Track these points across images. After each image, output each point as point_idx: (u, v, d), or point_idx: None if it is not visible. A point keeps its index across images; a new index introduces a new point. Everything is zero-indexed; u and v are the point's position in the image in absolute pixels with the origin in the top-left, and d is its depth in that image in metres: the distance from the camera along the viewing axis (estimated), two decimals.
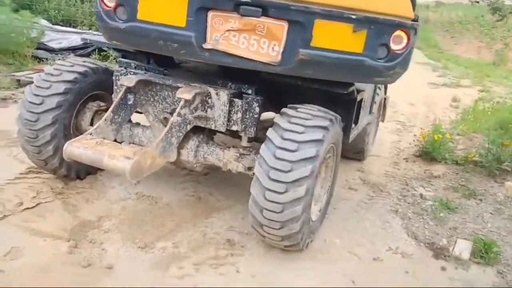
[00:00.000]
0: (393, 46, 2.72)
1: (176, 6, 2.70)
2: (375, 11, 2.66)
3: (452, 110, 9.08)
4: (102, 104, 3.59)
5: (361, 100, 3.89)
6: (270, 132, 2.79)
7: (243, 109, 3.08)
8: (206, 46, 2.78)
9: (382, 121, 6.11)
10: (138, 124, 3.52)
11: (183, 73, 3.39)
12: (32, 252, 2.75)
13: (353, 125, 3.82)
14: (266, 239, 2.92)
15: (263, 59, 2.78)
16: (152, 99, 3.25)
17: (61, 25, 7.96)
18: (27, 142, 3.28)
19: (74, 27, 8.12)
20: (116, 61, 3.96)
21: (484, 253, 3.16)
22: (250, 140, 3.23)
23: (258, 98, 3.08)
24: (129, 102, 3.23)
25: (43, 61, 7.14)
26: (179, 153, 3.24)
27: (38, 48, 7.37)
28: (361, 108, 3.98)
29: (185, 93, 2.94)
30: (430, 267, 3.08)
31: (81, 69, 3.42)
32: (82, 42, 7.74)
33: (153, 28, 2.77)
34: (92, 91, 3.52)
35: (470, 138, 6.51)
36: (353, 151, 4.97)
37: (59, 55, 7.33)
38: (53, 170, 3.46)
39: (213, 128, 3.17)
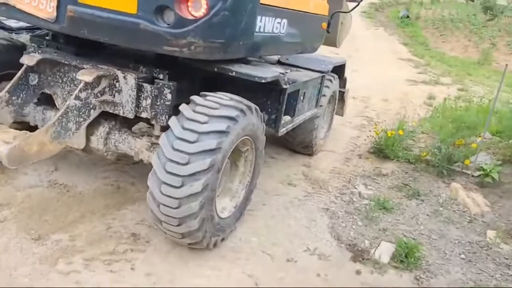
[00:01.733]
0: (180, 10, 2.40)
1: None
2: None
3: (425, 108, 8.95)
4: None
5: (297, 91, 3.71)
6: (171, 121, 2.56)
7: (153, 94, 2.83)
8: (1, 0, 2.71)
9: (341, 115, 5.94)
10: (52, 107, 3.18)
11: (98, 54, 3.11)
12: None
13: (285, 117, 3.62)
14: (168, 236, 2.72)
15: (42, 15, 2.65)
16: (60, 81, 3.00)
17: None
18: None
19: None
20: None
21: (404, 257, 2.99)
22: (163, 129, 2.89)
23: (171, 84, 2.82)
24: (32, 83, 2.98)
25: None
26: (88, 140, 3.02)
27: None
28: (298, 100, 3.79)
29: (86, 74, 2.69)
30: (344, 270, 2.90)
31: (4, 42, 3.19)
32: None
33: None
34: (5, 70, 3.19)
35: (433, 137, 6.36)
36: (300, 145, 4.81)
37: (17, 34, 7.03)
38: None
39: (121, 114, 2.92)
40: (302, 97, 3.91)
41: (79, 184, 3.41)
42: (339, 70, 5.12)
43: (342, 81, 5.60)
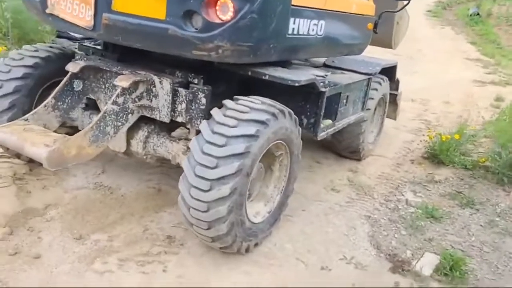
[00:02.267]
0: (207, 15, 2.40)
1: None
2: None
3: (491, 110, 8.38)
4: None
5: (338, 94, 3.61)
6: (202, 125, 2.58)
7: (188, 99, 2.87)
8: (47, 11, 2.92)
9: (394, 119, 5.71)
10: (99, 111, 3.25)
11: (138, 61, 3.19)
12: None
13: (326, 121, 3.53)
14: (200, 239, 2.74)
15: (82, 23, 2.76)
16: (103, 86, 3.14)
17: None
18: None
19: None
20: None
21: (449, 270, 2.79)
22: (198, 133, 2.82)
23: (205, 88, 2.86)
24: (77, 89, 3.15)
25: None
26: (129, 143, 3.13)
27: (59, 37, 7.56)
28: (340, 103, 3.68)
29: (123, 80, 2.79)
30: (381, 281, 2.76)
31: (44, 54, 3.35)
32: None
33: None
34: (56, 77, 3.31)
35: (496, 141, 5.92)
36: (347, 150, 4.68)
37: (82, 44, 7.48)
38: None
39: (157, 118, 3.00)
40: (344, 100, 3.79)
41: (123, 186, 3.53)
42: (389, 72, 4.92)
43: (394, 84, 5.36)
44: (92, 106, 3.36)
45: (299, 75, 2.99)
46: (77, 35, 3.76)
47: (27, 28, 6.80)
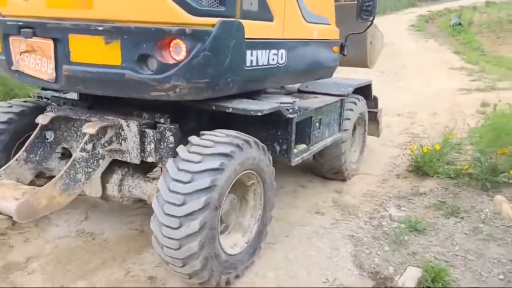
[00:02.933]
0: (161, 57, 2.47)
1: None
2: (128, 20, 2.48)
3: (477, 117, 8.44)
4: None
5: (309, 118, 3.65)
6: (168, 164, 2.61)
7: (156, 139, 2.93)
8: (13, 67, 3.01)
9: (377, 136, 5.77)
10: None
11: (106, 106, 3.27)
12: None
13: (300, 146, 3.59)
14: (178, 276, 2.74)
15: (45, 76, 2.85)
16: (75, 135, 3.20)
17: None
18: None
19: None
20: None
21: (431, 282, 2.77)
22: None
23: (172, 127, 2.92)
24: (50, 139, 3.20)
25: None
26: (104, 188, 3.17)
27: (44, 89, 7.72)
28: (313, 127, 3.74)
29: (90, 127, 2.86)
30: None
31: (18, 109, 3.43)
32: None
33: None
34: (31, 130, 3.28)
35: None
36: (331, 172, 4.71)
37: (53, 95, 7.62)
38: None
39: (128, 160, 3.04)
40: (317, 124, 3.85)
41: (106, 231, 3.54)
42: (365, 91, 5.04)
43: (373, 101, 5.47)
44: (68, 155, 3.37)
45: (263, 105, 3.07)
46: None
47: (11, 85, 6.94)
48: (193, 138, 2.71)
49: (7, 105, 3.50)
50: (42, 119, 3.09)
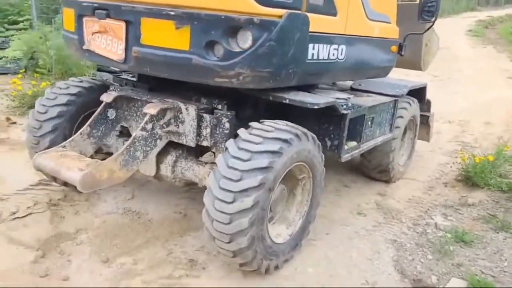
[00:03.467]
0: (228, 44, 2.55)
1: (71, 16, 3.23)
2: (199, 6, 2.55)
3: None
4: None
5: (362, 116, 3.64)
6: (229, 143, 2.71)
7: (212, 124, 3.04)
8: (84, 47, 3.16)
9: (427, 141, 5.63)
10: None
11: (167, 89, 3.40)
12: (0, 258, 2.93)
13: (350, 143, 3.59)
14: (221, 255, 2.79)
15: (114, 57, 2.96)
16: (134, 114, 3.34)
17: None
18: (31, 148, 3.50)
19: None
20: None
21: None
22: None
23: (229, 113, 3.01)
24: (111, 117, 3.38)
25: None
26: (158, 167, 3.31)
27: (99, 70, 7.99)
28: (365, 125, 3.73)
29: (151, 108, 2.99)
30: None
31: (87, 85, 3.66)
32: None
33: (66, 35, 3.40)
34: (96, 106, 3.47)
35: None
36: (376, 170, 4.64)
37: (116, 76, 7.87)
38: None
39: (184, 143, 3.15)
40: (370, 122, 3.83)
41: (150, 211, 3.65)
42: (419, 93, 4.94)
43: (425, 105, 5.34)
44: (126, 133, 3.58)
45: (319, 99, 3.09)
46: (114, 68, 3.96)
47: (69, 64, 7.24)
48: (254, 124, 2.81)
49: (78, 80, 3.74)
50: (106, 97, 3.26)
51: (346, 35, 3.28)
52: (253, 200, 2.48)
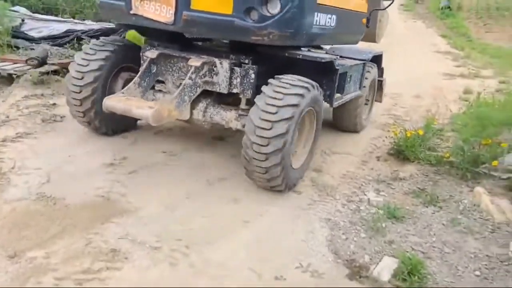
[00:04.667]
0: (262, 10, 3.27)
1: None
2: None
3: (459, 103, 8.40)
4: (132, 74, 4.24)
5: (345, 73, 4.47)
6: (257, 99, 3.42)
7: (241, 75, 3.78)
8: (131, 11, 3.72)
9: (380, 101, 6.50)
10: (160, 90, 4.26)
11: (196, 48, 4.20)
12: None
13: (337, 93, 4.34)
14: (256, 178, 3.56)
15: (163, 19, 3.57)
16: (170, 69, 4.01)
17: (42, 14, 7.80)
18: (72, 96, 4.02)
19: (55, 15, 7.94)
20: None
21: (407, 274, 2.67)
22: (247, 102, 3.89)
23: (254, 66, 3.77)
24: (153, 71, 4.01)
25: (19, 50, 6.99)
26: (191, 113, 3.96)
27: (16, 37, 7.24)
28: (346, 81, 4.58)
29: (194, 61, 3.70)
30: None
31: (119, 43, 4.30)
32: (63, 31, 7.60)
33: (107, 1, 3.90)
34: (125, 62, 4.29)
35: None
36: (347, 122, 5.52)
37: (39, 44, 7.19)
38: (88, 122, 4.21)
39: (217, 90, 3.87)
40: (349, 79, 4.69)
41: (68, 196, 3.31)
42: (377, 60, 5.89)
43: (380, 71, 6.18)
44: (152, 87, 4.22)
45: (323, 56, 3.98)
46: (34, 36, 4.82)
47: None
48: (273, 81, 3.52)
49: (111, 39, 4.37)
50: (151, 54, 3.89)
51: (336, 7, 4.05)
52: (283, 143, 3.27)
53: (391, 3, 5.13)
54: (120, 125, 4.46)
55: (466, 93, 9.11)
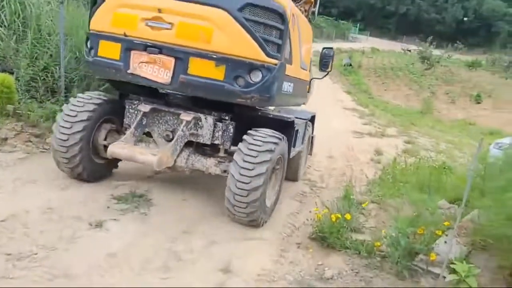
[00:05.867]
0: (248, 79, 3.92)
1: (115, 48, 4.17)
2: (231, 54, 3.88)
3: (373, 166, 8.15)
4: (113, 125, 4.68)
5: (297, 130, 5.12)
6: (240, 145, 4.07)
7: (222, 129, 4.39)
8: (129, 71, 4.13)
9: (310, 154, 7.10)
10: (140, 140, 4.60)
11: (180, 105, 4.61)
12: None
13: (292, 146, 4.95)
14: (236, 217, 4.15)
15: (161, 80, 4.05)
16: (157, 122, 4.50)
17: None
18: (58, 143, 4.27)
19: None
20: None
21: None
22: (225, 151, 4.53)
23: (232, 123, 4.43)
24: (143, 123, 4.47)
25: None
26: (175, 161, 4.36)
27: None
28: (298, 136, 5.25)
29: (186, 116, 4.29)
30: None
31: (98, 101, 4.46)
32: None
33: (104, 61, 4.26)
34: (107, 114, 4.59)
35: (385, 208, 5.36)
36: (290, 171, 5.56)
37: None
38: (72, 168, 4.41)
39: (201, 141, 4.41)
40: (298, 135, 5.33)
41: None
42: (312, 119, 6.67)
43: (312, 128, 6.85)
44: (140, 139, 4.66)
45: (288, 116, 4.88)
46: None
47: None
48: (252, 132, 4.18)
49: (97, 93, 4.62)
50: (144, 108, 4.37)
51: (293, 77, 4.70)
52: (263, 181, 3.89)
53: (327, 74, 5.92)
54: (99, 172, 4.73)
55: (378, 154, 8.97)
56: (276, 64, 3.93)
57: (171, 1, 3.90)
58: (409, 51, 39.02)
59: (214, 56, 3.82)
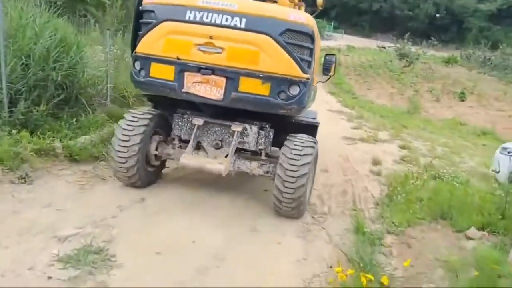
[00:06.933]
0: (289, 92, 4.59)
1: (169, 70, 4.71)
2: (275, 72, 4.54)
3: (375, 179, 7.24)
4: (161, 137, 5.32)
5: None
6: (284, 149, 4.77)
7: (265, 136, 5.14)
8: (183, 90, 4.72)
9: None
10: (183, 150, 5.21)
11: (224, 117, 5.15)
12: None
13: None
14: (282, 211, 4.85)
15: (213, 97, 4.66)
16: (206, 133, 5.17)
17: None
18: (118, 166, 4.93)
19: None
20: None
21: None
22: (266, 155, 5.21)
23: (272, 130, 5.17)
24: (197, 135, 5.10)
25: None
26: None
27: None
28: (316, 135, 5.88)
29: (237, 127, 4.97)
30: None
31: (149, 116, 5.10)
32: None
33: (158, 81, 4.79)
34: (156, 128, 5.21)
35: (406, 241, 4.44)
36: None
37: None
38: (129, 177, 5.03)
39: (247, 148, 5.16)
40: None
41: None
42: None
43: None
44: (184, 147, 5.25)
45: (316, 120, 5.75)
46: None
47: None
48: (292, 137, 4.92)
49: (147, 109, 5.32)
50: (198, 122, 5.01)
51: (314, 85, 5.55)
52: (306, 180, 4.65)
53: (329, 78, 6.55)
54: (149, 179, 5.31)
55: (376, 164, 8.11)
56: (308, 79, 4.65)
57: (220, 29, 4.46)
58: (384, 48, 38.70)
59: (261, 75, 4.47)
